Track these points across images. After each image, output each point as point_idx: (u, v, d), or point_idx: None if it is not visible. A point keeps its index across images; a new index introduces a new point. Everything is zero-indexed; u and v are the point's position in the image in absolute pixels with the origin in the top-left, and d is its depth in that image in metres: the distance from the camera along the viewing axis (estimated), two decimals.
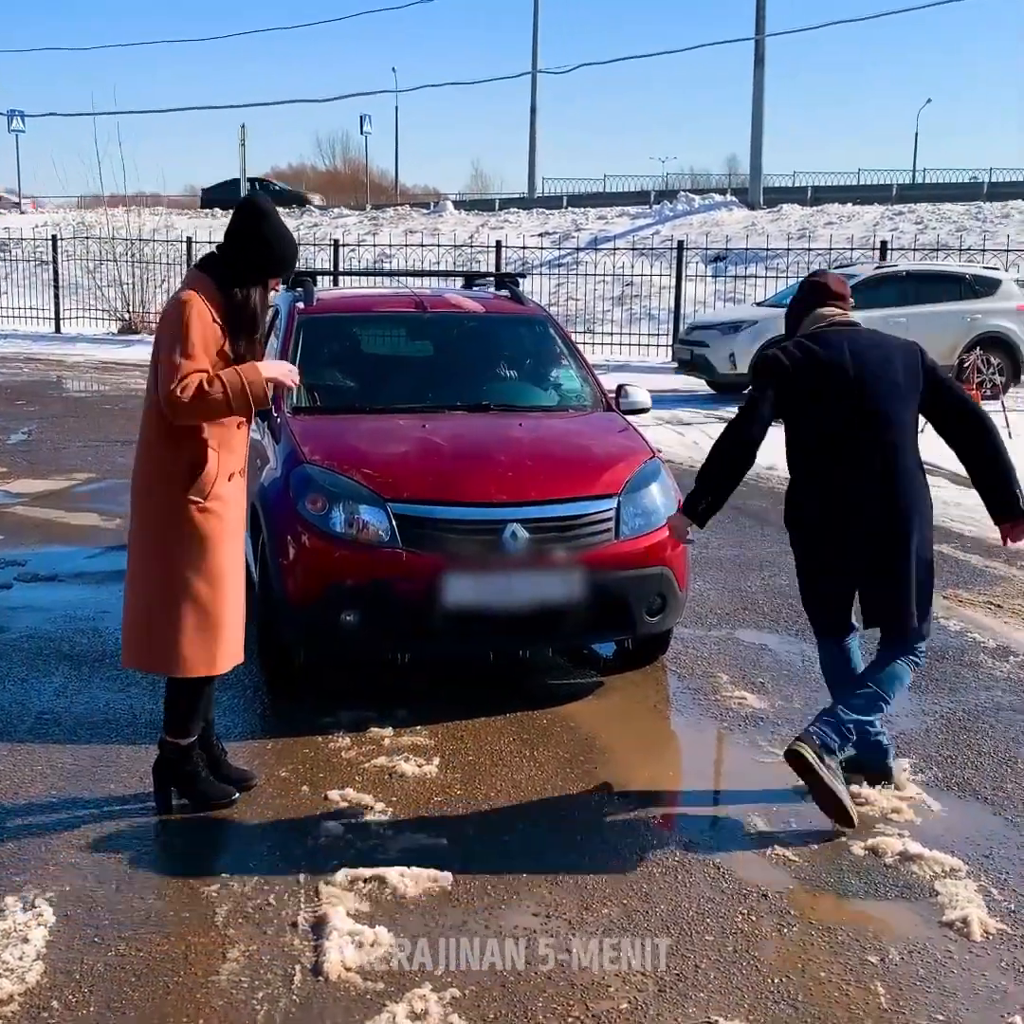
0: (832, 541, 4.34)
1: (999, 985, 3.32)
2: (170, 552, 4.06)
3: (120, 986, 3.25)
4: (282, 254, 4.15)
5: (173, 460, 4.04)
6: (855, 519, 4.28)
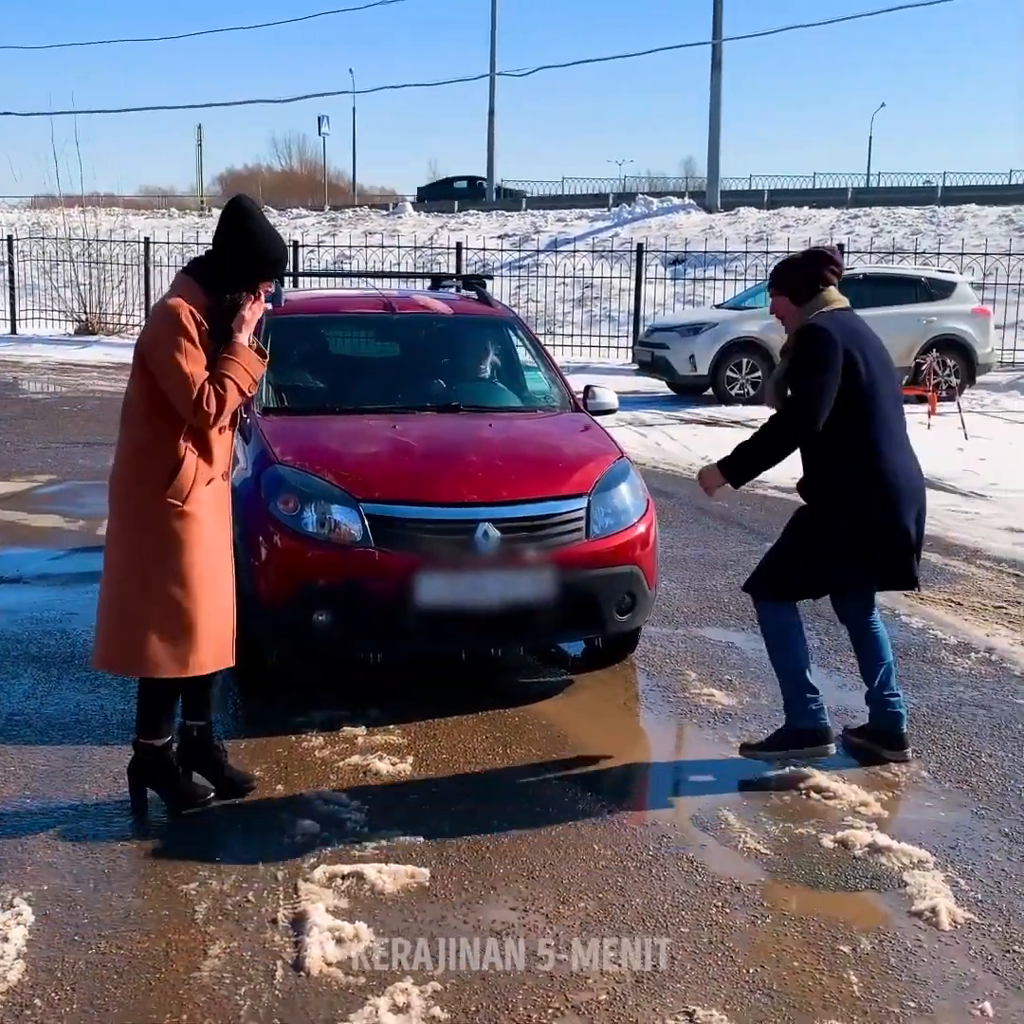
0: (888, 511, 4.51)
1: (968, 972, 3.39)
2: (145, 554, 4.06)
3: (102, 983, 3.26)
4: (272, 255, 4.09)
5: (152, 463, 4.03)
6: (907, 494, 4.55)
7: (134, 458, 4.10)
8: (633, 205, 33.55)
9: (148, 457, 4.05)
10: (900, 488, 4.54)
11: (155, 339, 4.01)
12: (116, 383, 18.37)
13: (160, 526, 4.03)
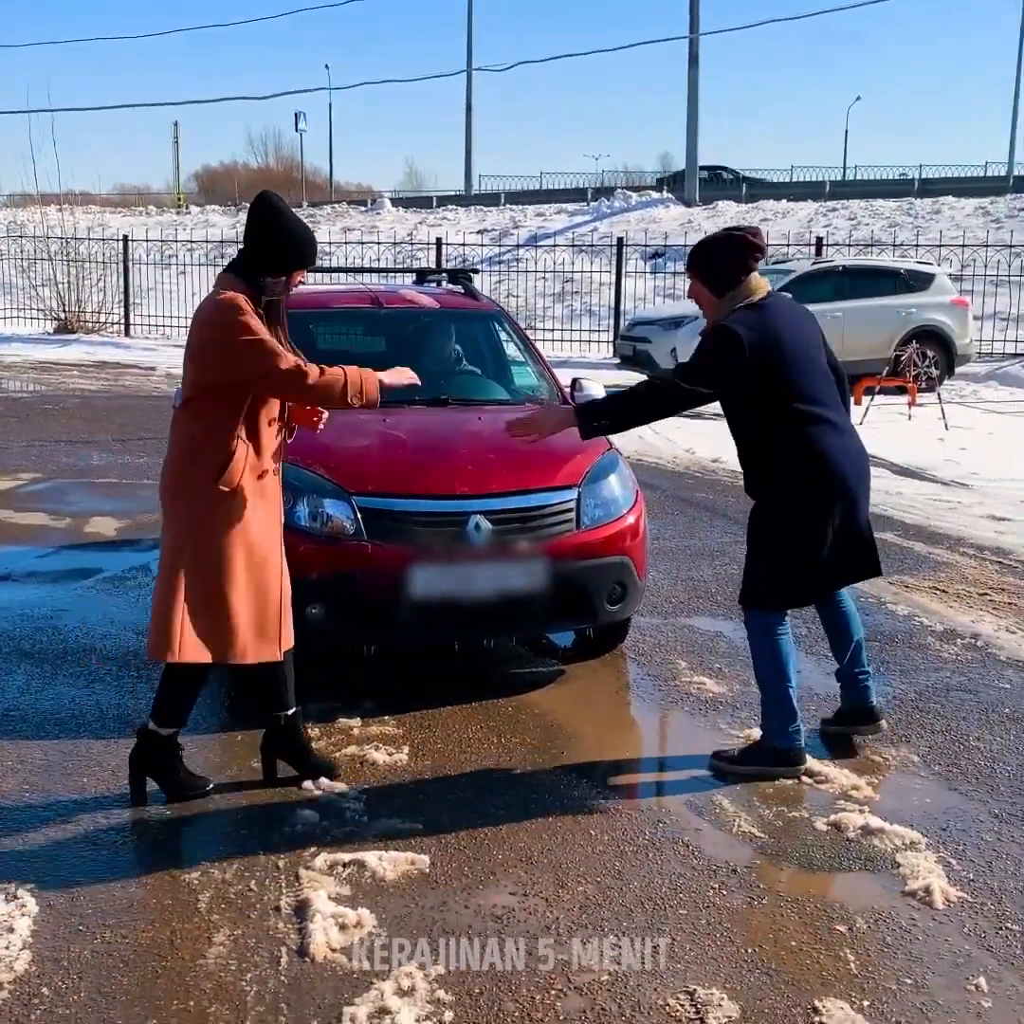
0: (844, 498, 4.47)
1: (963, 949, 3.45)
2: (185, 540, 4.10)
3: (109, 972, 3.29)
4: (303, 246, 4.16)
5: (204, 454, 4.07)
6: (855, 475, 4.51)
7: (186, 451, 4.14)
8: (612, 199, 33.65)
9: (201, 448, 4.09)
10: (846, 474, 4.46)
11: (219, 327, 4.03)
12: (96, 381, 18.35)
13: (205, 512, 4.06)
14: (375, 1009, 3.11)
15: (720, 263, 4.48)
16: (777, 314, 4.49)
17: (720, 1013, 3.13)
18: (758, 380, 4.38)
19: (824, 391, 4.55)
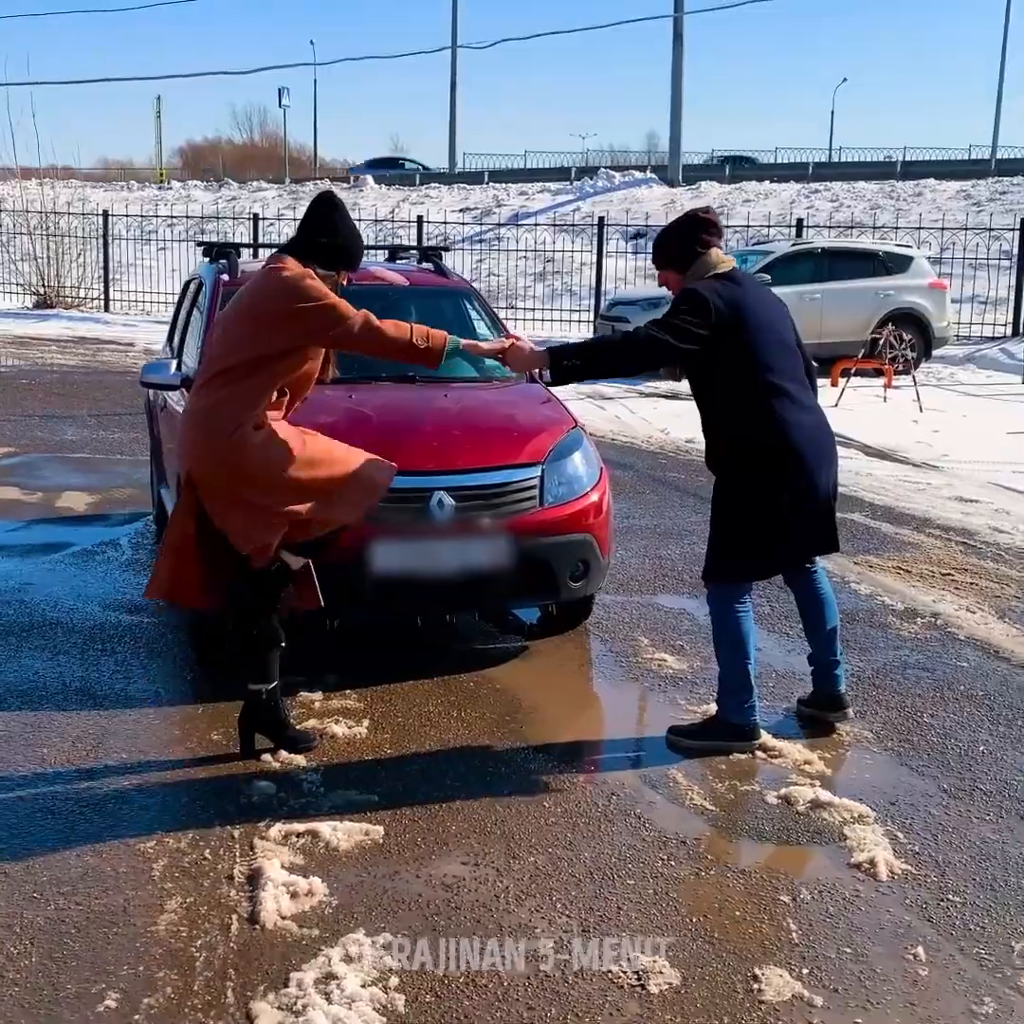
0: (802, 473, 4.49)
1: (903, 920, 3.51)
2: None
3: (61, 938, 3.33)
4: (356, 252, 4.41)
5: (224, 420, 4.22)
6: (814, 450, 4.52)
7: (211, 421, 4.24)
8: (595, 179, 33.59)
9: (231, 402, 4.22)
10: (803, 449, 4.48)
11: (293, 292, 4.17)
12: (74, 357, 18.30)
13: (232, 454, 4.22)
14: (322, 975, 3.16)
15: (676, 242, 4.63)
16: (742, 284, 4.59)
17: (661, 980, 3.19)
18: (721, 344, 4.42)
19: (787, 365, 4.58)
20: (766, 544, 4.58)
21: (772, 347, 4.54)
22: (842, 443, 11.23)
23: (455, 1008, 3.06)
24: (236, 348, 4.26)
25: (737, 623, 4.68)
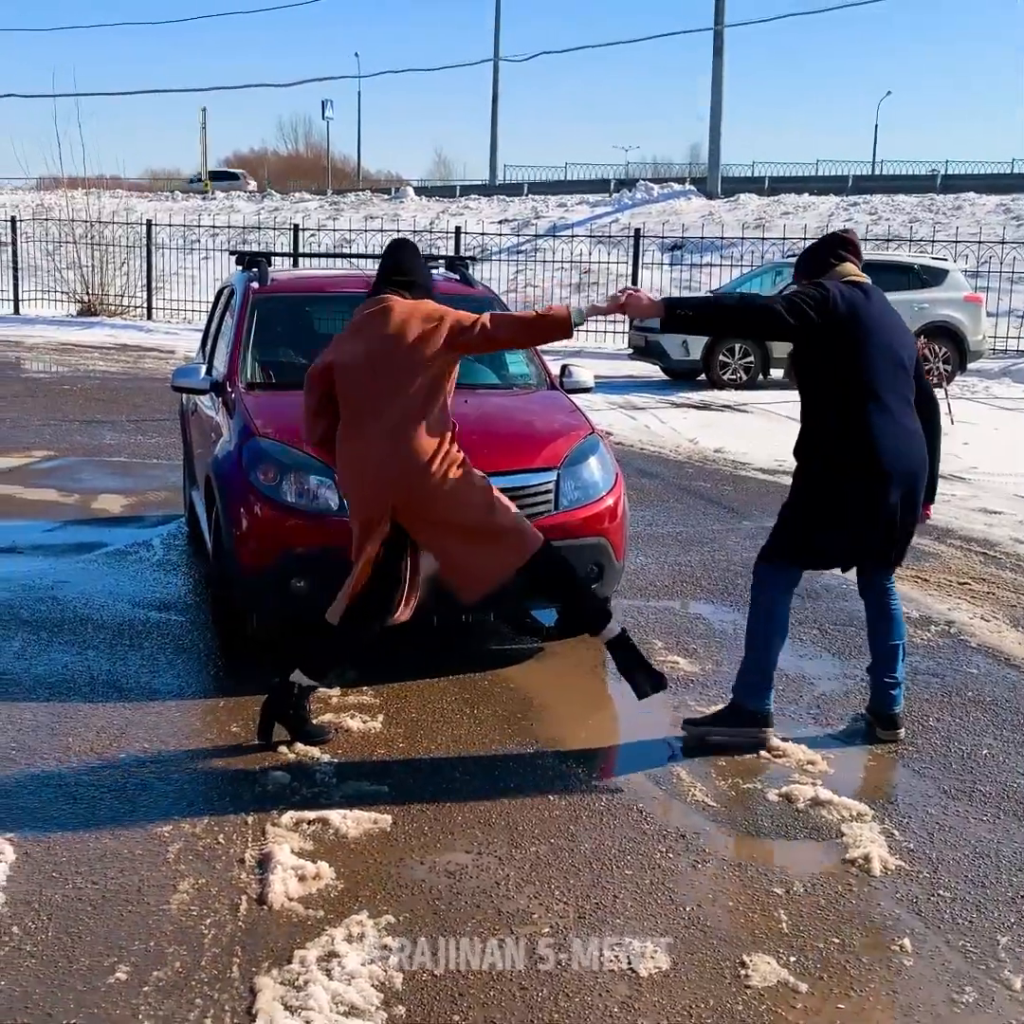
0: (881, 484, 4.55)
1: (893, 913, 3.60)
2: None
3: (77, 915, 3.48)
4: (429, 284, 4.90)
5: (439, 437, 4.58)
6: (898, 466, 4.58)
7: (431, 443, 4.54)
8: (634, 191, 33.71)
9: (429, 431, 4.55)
10: (888, 463, 4.54)
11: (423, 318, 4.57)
12: (116, 363, 18.61)
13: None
14: (324, 953, 3.29)
15: (813, 255, 4.83)
16: (869, 294, 4.64)
17: (651, 964, 3.29)
18: (831, 340, 4.51)
19: (892, 379, 4.62)
20: (826, 539, 4.67)
21: (880, 358, 4.58)
22: None
23: (451, 986, 3.18)
24: (407, 382, 4.51)
25: (775, 611, 4.79)
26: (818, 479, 4.66)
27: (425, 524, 4.55)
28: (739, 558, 7.56)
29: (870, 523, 4.63)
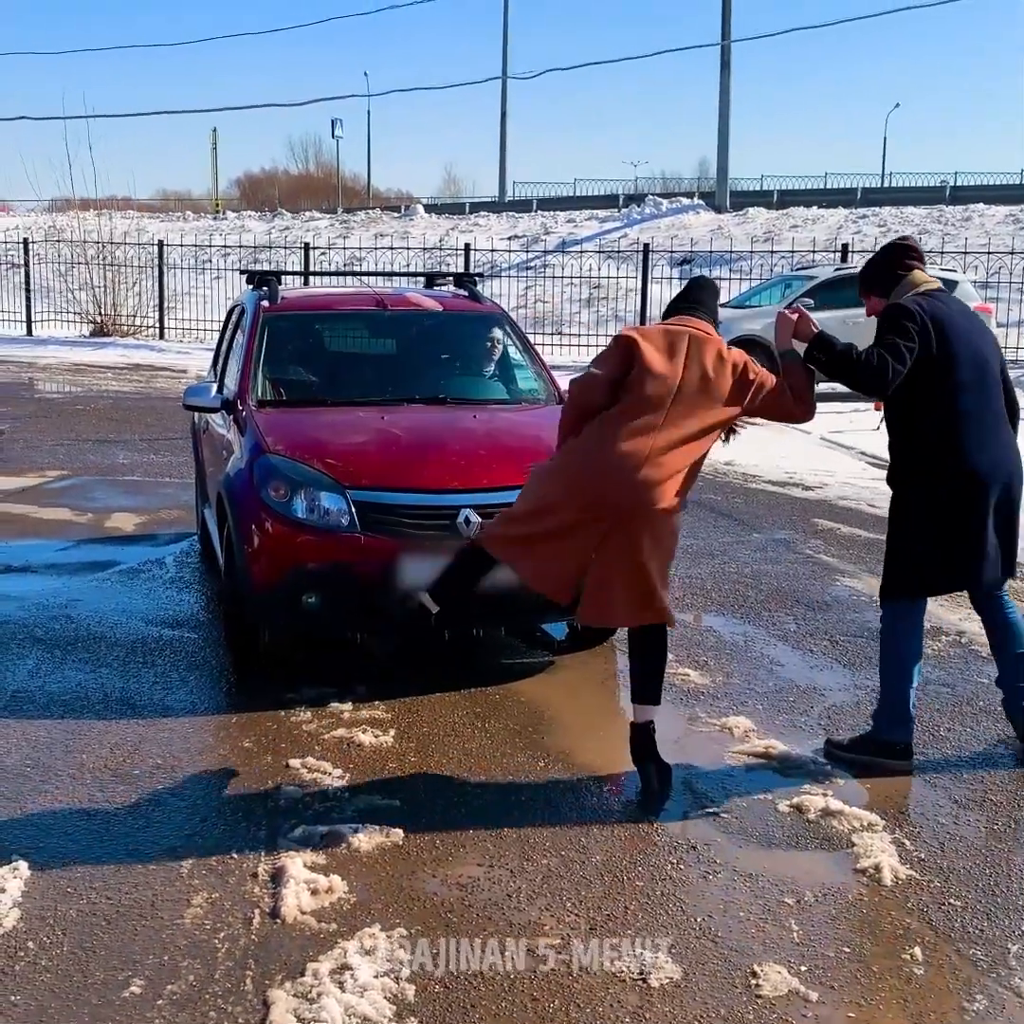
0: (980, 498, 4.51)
1: (904, 923, 3.61)
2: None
3: (91, 929, 3.50)
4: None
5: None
6: (996, 478, 4.54)
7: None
8: (643, 206, 33.79)
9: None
10: (985, 476, 4.49)
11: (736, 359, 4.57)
12: (128, 383, 18.70)
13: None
14: (337, 965, 3.31)
15: (878, 268, 4.75)
16: (947, 304, 4.58)
17: (662, 975, 3.30)
18: (927, 359, 4.44)
19: (985, 391, 4.57)
20: (935, 560, 4.59)
21: (971, 370, 4.52)
22: (882, 466, 11.30)
23: (462, 998, 3.20)
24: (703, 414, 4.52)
25: (906, 644, 4.73)
26: (920, 501, 4.57)
27: (623, 535, 4.46)
28: (749, 570, 7.58)
29: (976, 536, 4.55)
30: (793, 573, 7.53)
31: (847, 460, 12.05)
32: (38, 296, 25.98)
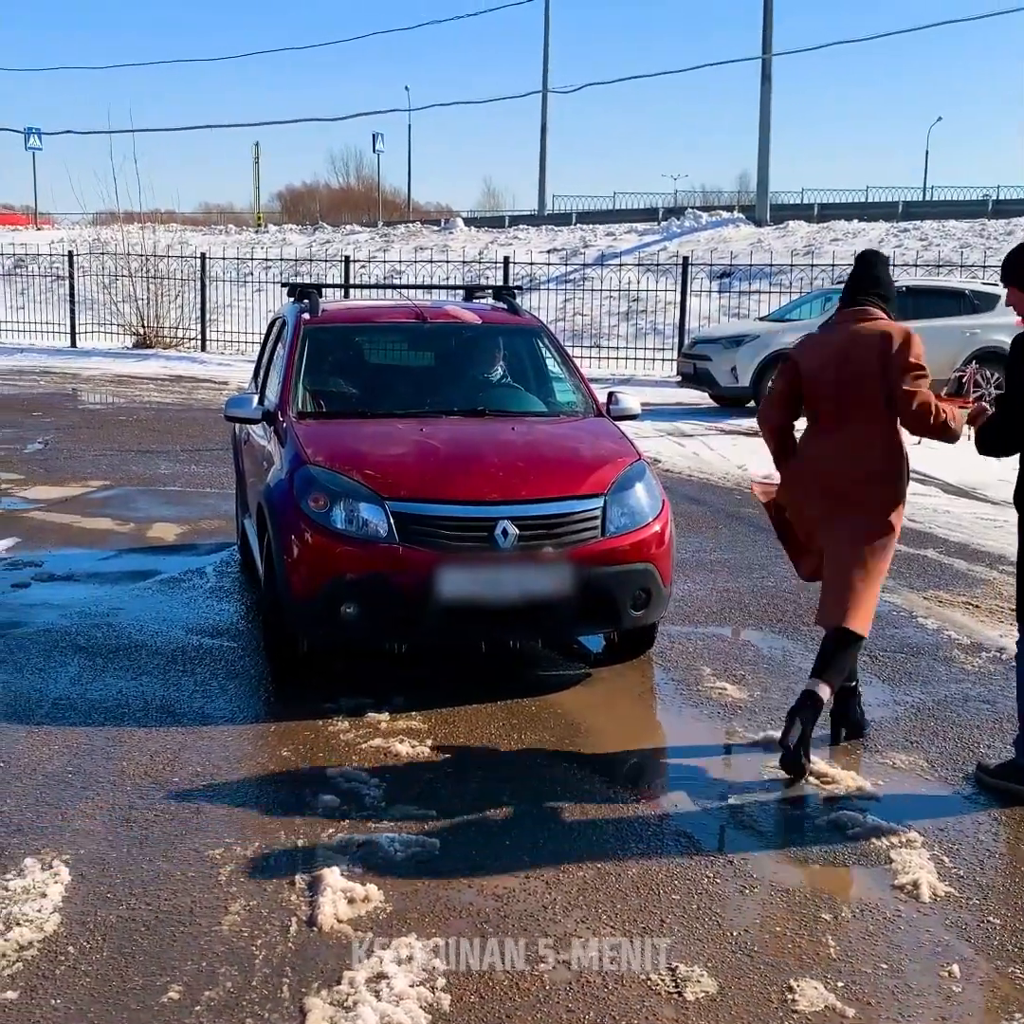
0: None
1: (942, 940, 3.59)
2: (892, 533, 4.84)
3: (131, 935, 3.54)
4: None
5: (898, 461, 4.82)
6: None
7: (895, 461, 4.81)
8: (682, 219, 33.73)
9: (892, 455, 4.79)
10: None
11: (918, 349, 4.73)
12: (170, 395, 18.86)
13: (900, 510, 4.87)
14: (373, 974, 3.33)
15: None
16: None
17: (698, 988, 3.30)
18: None
19: None
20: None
21: None
22: (921, 480, 11.25)
23: (498, 1008, 3.20)
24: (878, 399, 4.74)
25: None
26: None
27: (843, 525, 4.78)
28: (787, 585, 7.54)
29: None
30: None
31: None
32: (82, 308, 26.25)
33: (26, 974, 3.34)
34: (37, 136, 44.71)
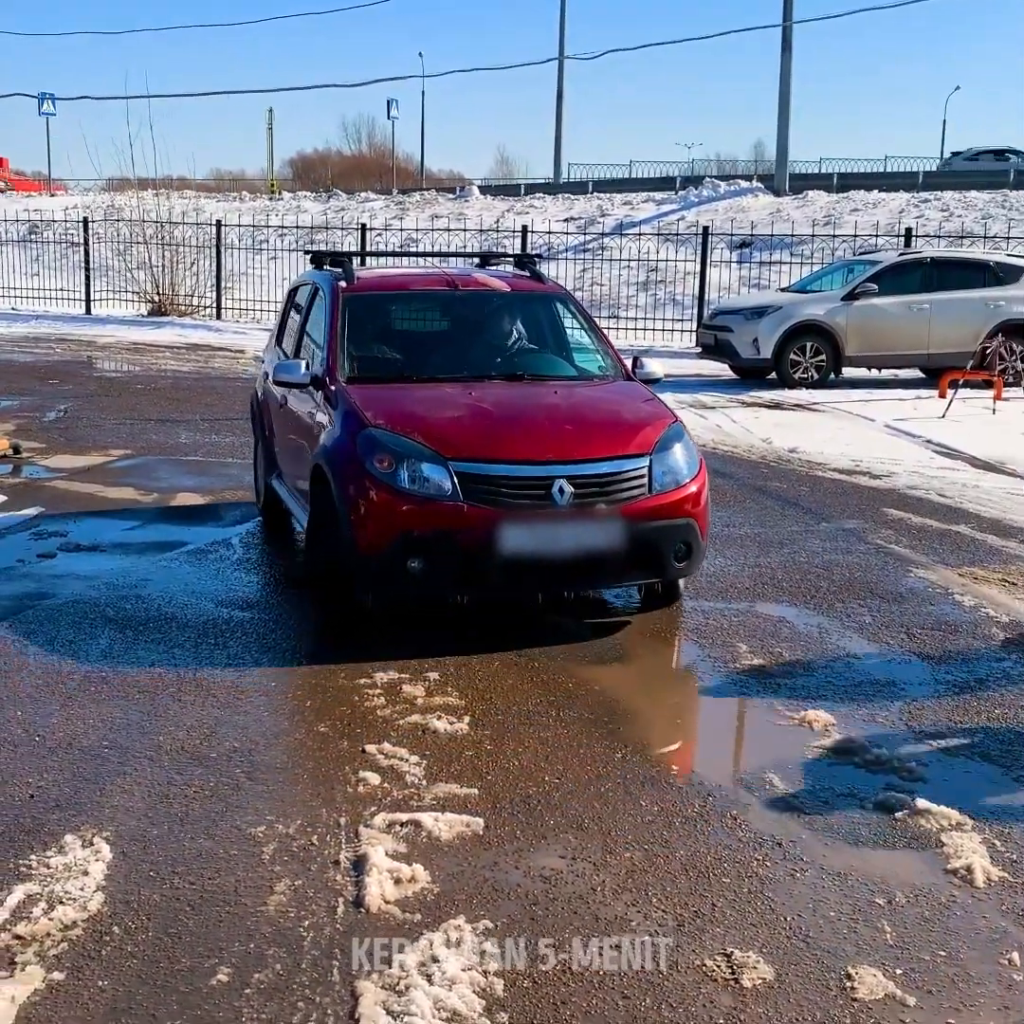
0: None
1: (999, 926, 3.52)
2: None
3: (176, 915, 3.49)
4: None
5: None
6: None
7: None
8: (700, 188, 33.48)
9: None
10: None
11: None
12: (187, 363, 18.78)
13: None
14: (424, 957, 3.28)
15: None
16: None
17: (755, 975, 3.24)
18: None
19: None
20: None
21: None
22: (949, 455, 11.16)
23: (552, 994, 3.15)
24: None
25: None
26: None
27: None
28: (820, 560, 7.47)
29: None
30: (865, 564, 7.41)
31: (914, 448, 11.85)
32: (97, 275, 26.15)
33: (72, 955, 3.30)
34: (51, 101, 44.46)
